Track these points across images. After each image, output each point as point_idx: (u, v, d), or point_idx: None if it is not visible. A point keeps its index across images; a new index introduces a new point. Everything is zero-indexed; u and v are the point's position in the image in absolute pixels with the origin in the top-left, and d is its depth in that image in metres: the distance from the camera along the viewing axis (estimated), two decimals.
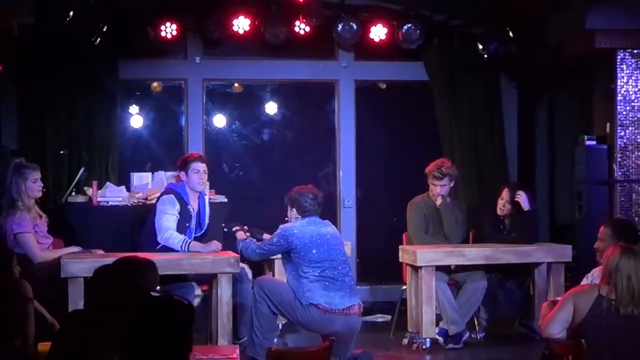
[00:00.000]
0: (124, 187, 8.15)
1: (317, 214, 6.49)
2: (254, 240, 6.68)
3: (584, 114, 9.33)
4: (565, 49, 9.01)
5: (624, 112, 8.66)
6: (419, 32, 9.19)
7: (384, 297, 9.11)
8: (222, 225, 7.32)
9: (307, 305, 6.17)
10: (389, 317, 8.38)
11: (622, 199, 8.61)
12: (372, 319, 8.67)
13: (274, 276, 7.43)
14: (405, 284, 7.81)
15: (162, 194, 7.22)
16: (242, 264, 6.89)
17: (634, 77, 8.67)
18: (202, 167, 7.21)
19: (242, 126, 10.09)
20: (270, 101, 10.10)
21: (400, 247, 7.78)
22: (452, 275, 7.73)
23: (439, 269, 7.41)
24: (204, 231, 7.31)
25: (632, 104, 8.68)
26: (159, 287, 4.41)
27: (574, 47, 8.91)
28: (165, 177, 8.13)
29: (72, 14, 8.46)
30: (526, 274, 7.74)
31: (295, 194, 6.51)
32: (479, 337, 7.87)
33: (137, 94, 9.78)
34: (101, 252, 6.99)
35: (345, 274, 6.32)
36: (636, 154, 8.67)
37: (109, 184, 8.23)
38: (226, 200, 8.40)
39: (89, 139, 8.84)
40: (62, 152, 8.73)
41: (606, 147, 8.71)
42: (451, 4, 9.33)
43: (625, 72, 8.65)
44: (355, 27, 9.14)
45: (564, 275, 7.57)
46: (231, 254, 6.79)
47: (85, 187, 8.18)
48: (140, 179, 8.29)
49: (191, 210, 7.16)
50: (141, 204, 7.94)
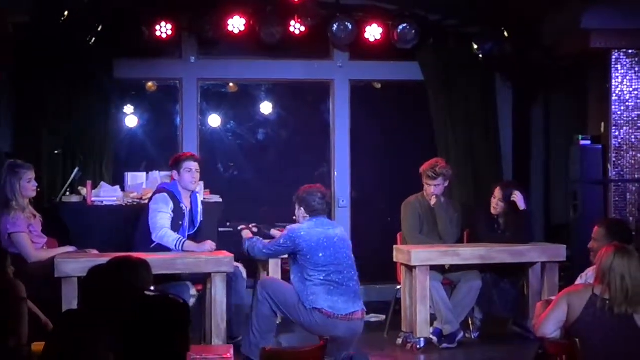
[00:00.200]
0: (118, 187, 8.14)
1: (325, 213, 6.47)
2: (261, 239, 6.65)
3: (578, 113, 9.34)
4: (560, 49, 9.01)
5: (619, 112, 8.68)
6: (414, 32, 9.19)
7: (378, 296, 9.10)
8: (227, 224, 7.31)
9: (310, 309, 6.17)
10: (383, 317, 8.37)
11: (617, 199, 8.62)
12: (366, 318, 8.58)
13: (268, 275, 7.43)
14: (399, 284, 7.81)
15: (154, 193, 7.22)
16: (236, 263, 6.89)
17: (628, 77, 8.68)
18: (194, 166, 7.21)
19: (237, 126, 10.09)
20: (265, 101, 10.10)
21: (394, 246, 7.78)
22: (447, 275, 7.73)
23: (433, 268, 7.41)
24: (196, 229, 7.31)
25: (627, 103, 8.69)
26: (153, 287, 4.40)
27: (568, 47, 8.92)
28: (159, 177, 8.12)
29: (67, 13, 8.45)
30: (520, 274, 7.75)
31: (303, 193, 6.46)
32: (473, 337, 7.87)
33: (132, 93, 9.77)
34: (95, 252, 6.99)
35: (350, 279, 6.30)
36: (631, 153, 8.68)
37: (103, 183, 8.22)
38: (221, 200, 8.39)
39: (83, 139, 8.82)
40: (56, 151, 8.71)
41: (601, 147, 8.72)
42: (446, 4, 9.33)
43: (620, 72, 8.66)
44: (350, 27, 9.15)
45: (558, 274, 7.58)
46: (225, 254, 6.78)
47: (79, 187, 8.17)
48: (134, 178, 8.29)
49: (184, 208, 7.16)
50: (136, 203, 7.93)
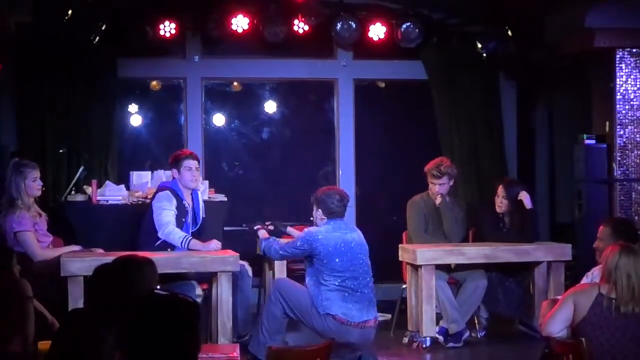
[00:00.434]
0: (123, 186, 8.14)
1: (343, 216, 6.45)
2: (278, 240, 6.64)
3: (583, 112, 9.33)
4: (564, 48, 9.00)
5: (623, 111, 8.67)
6: (417, 31, 9.18)
7: (384, 296, 9.07)
8: (242, 225, 7.30)
9: (324, 314, 6.16)
10: (389, 316, 8.36)
11: (622, 198, 8.61)
12: None
13: (274, 274, 7.42)
14: (405, 283, 7.80)
15: (156, 192, 7.20)
16: (242, 262, 6.89)
17: (632, 76, 8.67)
18: (194, 164, 7.18)
19: (241, 125, 10.09)
20: (269, 100, 10.10)
21: (400, 245, 7.78)
22: (452, 274, 7.73)
23: (438, 267, 7.41)
24: (199, 227, 7.29)
25: (631, 102, 8.68)
26: (159, 286, 4.39)
27: (572, 46, 8.91)
28: (164, 175, 8.11)
29: (70, 12, 8.45)
30: (526, 273, 7.74)
31: (321, 195, 6.44)
32: (479, 336, 7.86)
33: (136, 92, 9.78)
34: (101, 250, 6.99)
35: (365, 285, 6.28)
36: (635, 152, 8.67)
37: (108, 182, 8.21)
38: (225, 199, 8.38)
39: (88, 138, 8.83)
40: (61, 150, 8.72)
41: (605, 146, 8.71)
42: (450, 3, 9.33)
43: (624, 71, 8.65)
44: (354, 26, 9.14)
45: (564, 274, 7.57)
46: (231, 253, 6.78)
47: (84, 186, 8.16)
48: (139, 177, 8.28)
49: (187, 205, 7.14)
50: (140, 202, 7.92)
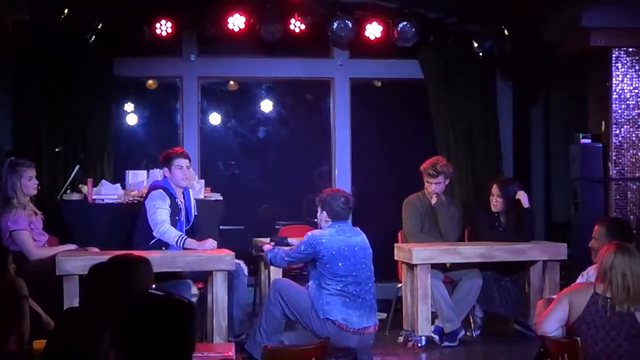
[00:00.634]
0: (119, 185, 8.13)
1: (348, 218, 6.44)
2: (282, 248, 6.64)
3: (579, 112, 9.33)
4: (560, 47, 9.01)
5: (619, 111, 8.67)
6: (414, 30, 9.17)
7: (380, 295, 8.98)
8: (251, 251, 7.35)
9: (323, 319, 6.16)
10: (384, 315, 8.35)
11: (618, 197, 8.62)
12: None
13: (269, 274, 7.42)
14: (400, 282, 7.81)
15: (149, 191, 7.17)
16: (237, 260, 6.88)
17: (629, 76, 8.68)
18: (185, 162, 7.16)
19: (237, 124, 10.09)
20: (265, 99, 10.11)
21: (395, 245, 7.78)
22: (448, 273, 7.73)
23: (434, 267, 7.41)
24: (191, 225, 7.28)
25: (627, 102, 8.69)
26: (154, 285, 4.39)
27: (569, 46, 8.91)
28: (160, 174, 8.09)
29: (67, 11, 8.45)
30: (521, 272, 7.74)
31: (327, 197, 6.41)
32: (474, 335, 7.87)
33: (133, 91, 9.77)
34: (96, 249, 6.98)
35: (367, 291, 6.28)
36: (631, 152, 8.68)
37: (104, 181, 8.21)
38: (221, 198, 8.38)
39: (84, 137, 8.81)
40: (57, 149, 8.71)
41: (601, 145, 8.72)
42: (446, 2, 9.32)
43: (620, 70, 8.66)
44: (350, 25, 9.12)
45: (559, 273, 7.58)
46: (226, 252, 6.78)
47: (80, 185, 8.15)
48: (135, 176, 8.27)
49: (180, 203, 7.14)
50: (136, 201, 7.91)
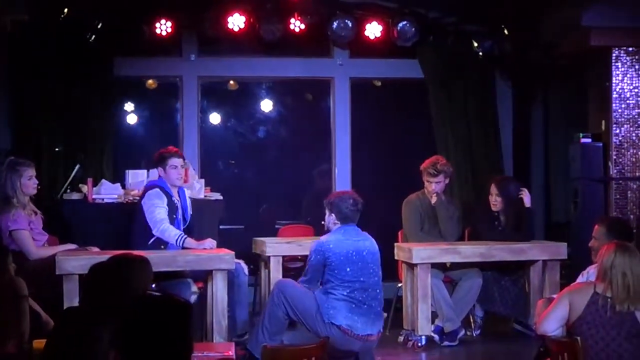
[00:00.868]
0: (119, 185, 8.12)
1: (356, 221, 6.41)
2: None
3: (579, 111, 9.33)
4: (560, 47, 9.01)
5: (619, 110, 8.67)
6: (414, 29, 9.17)
7: None
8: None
9: (328, 323, 6.15)
10: (384, 315, 8.35)
11: (618, 197, 8.62)
12: None
13: (269, 273, 7.42)
14: (400, 282, 7.80)
15: (145, 191, 7.14)
16: (238, 260, 6.88)
17: (629, 75, 8.67)
18: (179, 162, 7.14)
19: (237, 124, 10.09)
20: (265, 99, 10.10)
21: (395, 244, 7.77)
22: (448, 272, 7.73)
23: (434, 266, 7.41)
24: (187, 224, 7.27)
25: (627, 101, 8.69)
26: (154, 285, 4.39)
27: (569, 45, 8.91)
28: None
29: (66, 11, 8.44)
30: (521, 272, 7.74)
31: (335, 198, 6.38)
32: (474, 335, 7.87)
33: (133, 91, 9.76)
34: (96, 249, 6.97)
35: (374, 298, 6.26)
36: (631, 151, 8.68)
37: (104, 181, 8.20)
38: (221, 197, 8.38)
39: (84, 136, 8.81)
40: (57, 149, 8.71)
41: (601, 144, 8.72)
42: (446, 2, 9.32)
43: (620, 70, 8.66)
44: (350, 24, 9.12)
45: (559, 272, 7.57)
46: (226, 251, 6.78)
47: (80, 184, 8.15)
48: (135, 176, 8.26)
49: (176, 201, 7.13)
50: (136, 201, 7.89)
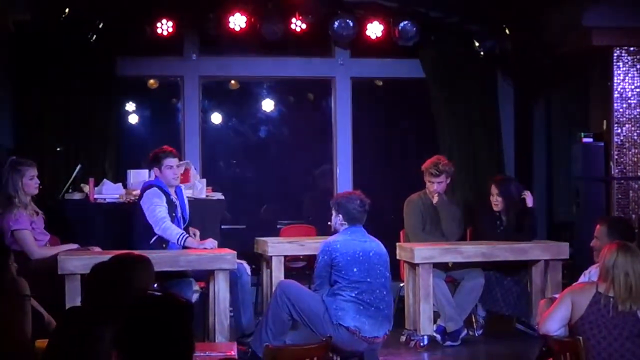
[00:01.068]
0: (120, 184, 8.13)
1: (363, 222, 6.39)
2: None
3: (580, 111, 9.34)
4: (561, 46, 9.00)
5: (621, 110, 8.67)
6: (415, 29, 9.16)
7: None
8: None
9: (336, 324, 6.12)
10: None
11: (619, 197, 8.62)
12: None
13: (271, 273, 7.41)
14: (402, 282, 7.81)
15: (143, 191, 7.11)
16: (240, 260, 6.88)
17: (630, 75, 8.68)
18: (174, 161, 7.10)
19: (238, 123, 10.10)
20: (266, 98, 10.11)
21: (397, 244, 7.77)
22: (450, 272, 7.73)
23: (436, 266, 7.41)
24: (187, 224, 7.26)
25: (629, 101, 8.68)
26: (156, 284, 4.39)
27: (570, 45, 8.91)
28: None
29: (68, 10, 8.44)
30: (524, 272, 7.74)
31: (342, 199, 6.36)
32: (476, 335, 7.87)
33: (134, 91, 9.77)
34: (98, 249, 6.97)
35: (381, 299, 6.22)
36: (633, 151, 8.68)
37: (105, 180, 8.20)
38: (223, 197, 8.37)
39: (85, 136, 8.81)
40: (58, 149, 8.71)
41: (603, 144, 8.72)
42: (447, 1, 9.32)
43: (621, 69, 8.66)
44: (351, 24, 9.12)
45: (561, 272, 7.57)
46: (228, 251, 6.78)
47: (82, 184, 8.15)
48: (137, 175, 8.26)
49: (174, 200, 7.12)
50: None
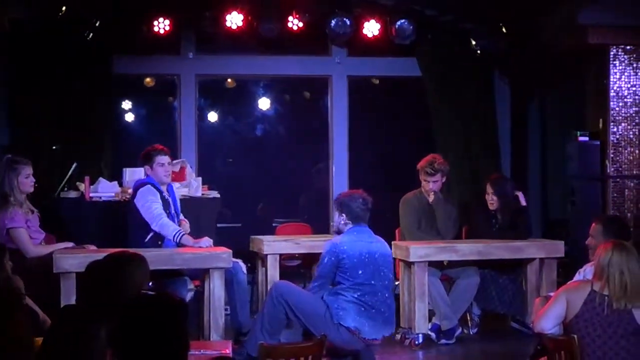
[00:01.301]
0: (116, 183, 8.13)
1: (367, 221, 6.38)
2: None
3: (576, 109, 9.34)
4: (557, 45, 9.00)
5: (617, 108, 8.67)
6: (411, 27, 9.16)
7: None
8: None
9: (337, 324, 6.12)
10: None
11: (615, 195, 8.62)
12: None
13: (266, 272, 7.41)
14: (398, 280, 7.81)
15: (136, 189, 7.11)
16: (236, 259, 6.88)
17: (626, 73, 8.67)
18: (166, 159, 7.12)
19: (235, 121, 10.10)
20: (263, 97, 10.11)
21: (393, 242, 7.76)
22: (445, 270, 7.74)
23: (431, 264, 7.42)
24: (179, 221, 7.26)
25: (625, 100, 8.69)
26: (151, 283, 4.39)
27: (566, 43, 8.91)
28: None
29: (64, 8, 8.44)
30: (519, 270, 7.75)
31: (345, 198, 6.34)
32: (471, 333, 7.88)
33: (130, 89, 9.76)
34: (93, 247, 6.97)
35: (383, 302, 6.22)
36: (629, 149, 8.68)
37: (101, 179, 8.20)
38: (219, 195, 8.38)
39: (81, 134, 8.81)
40: (54, 147, 8.71)
41: (599, 142, 8.72)
42: (444, 0, 9.32)
43: (617, 68, 8.66)
44: (348, 22, 9.12)
45: (556, 270, 7.58)
46: (223, 249, 6.78)
47: (77, 183, 8.15)
48: (132, 174, 8.25)
49: (167, 197, 7.13)
50: None
